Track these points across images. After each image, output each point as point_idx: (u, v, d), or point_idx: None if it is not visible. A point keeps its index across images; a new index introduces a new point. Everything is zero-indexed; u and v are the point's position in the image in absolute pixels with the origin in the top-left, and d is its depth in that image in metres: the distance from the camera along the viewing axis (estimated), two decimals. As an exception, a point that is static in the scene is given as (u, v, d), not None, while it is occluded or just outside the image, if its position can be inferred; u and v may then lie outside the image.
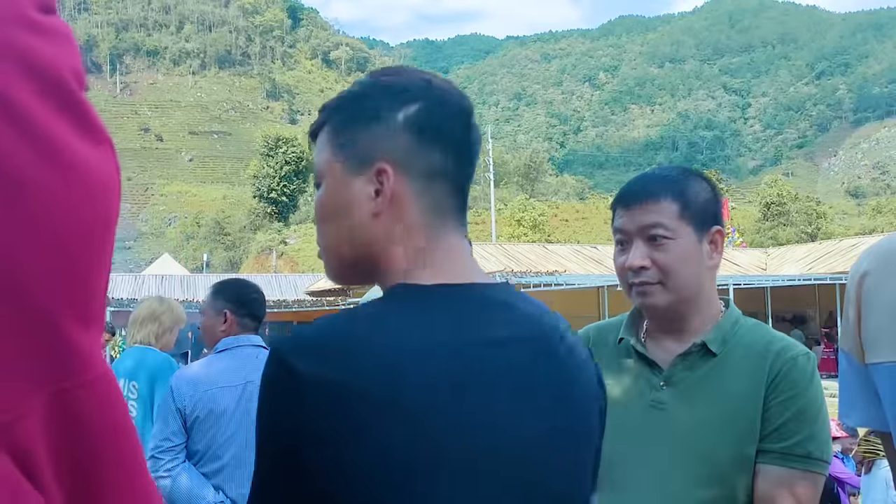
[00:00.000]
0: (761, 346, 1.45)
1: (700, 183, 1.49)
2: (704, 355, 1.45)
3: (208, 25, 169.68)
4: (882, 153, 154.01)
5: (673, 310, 1.46)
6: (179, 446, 2.67)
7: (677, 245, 1.43)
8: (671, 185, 1.46)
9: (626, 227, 1.47)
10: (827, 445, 1.40)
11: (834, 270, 20.95)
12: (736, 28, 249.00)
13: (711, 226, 1.47)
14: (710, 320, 1.49)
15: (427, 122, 0.89)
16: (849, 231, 52.03)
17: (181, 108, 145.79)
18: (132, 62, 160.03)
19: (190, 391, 2.68)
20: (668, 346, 1.50)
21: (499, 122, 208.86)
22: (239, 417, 2.69)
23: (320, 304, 23.56)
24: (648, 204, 1.44)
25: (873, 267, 1.21)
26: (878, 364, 1.18)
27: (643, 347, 1.52)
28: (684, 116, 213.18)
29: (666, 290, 1.44)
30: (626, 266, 1.46)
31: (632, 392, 1.50)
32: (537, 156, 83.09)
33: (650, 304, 1.46)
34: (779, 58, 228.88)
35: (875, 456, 5.14)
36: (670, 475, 1.42)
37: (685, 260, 1.43)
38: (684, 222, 1.43)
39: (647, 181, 1.50)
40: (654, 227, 1.43)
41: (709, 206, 1.47)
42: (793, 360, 1.41)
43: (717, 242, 1.48)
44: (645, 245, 1.44)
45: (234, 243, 70.96)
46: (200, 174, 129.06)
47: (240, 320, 2.84)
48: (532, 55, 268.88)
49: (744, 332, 1.48)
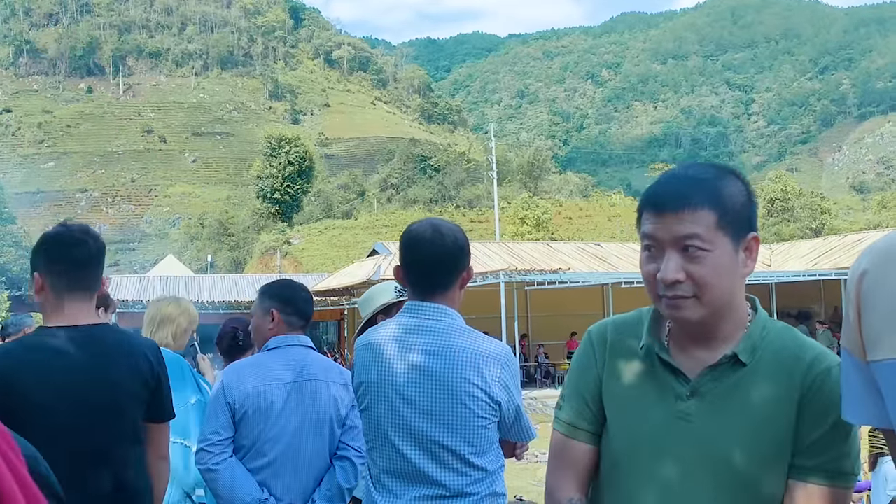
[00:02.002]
0: (792, 354, 1.38)
1: (736, 185, 1.38)
2: (734, 365, 1.38)
3: (210, 27, 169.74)
4: (886, 148, 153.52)
5: (705, 322, 1.37)
6: (227, 440, 2.69)
7: (714, 257, 1.32)
8: (708, 191, 1.34)
9: (659, 236, 1.35)
10: (858, 460, 1.35)
11: (839, 266, 20.92)
12: (738, 24, 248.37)
13: (748, 232, 1.37)
14: (740, 326, 1.41)
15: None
16: (853, 226, 51.87)
17: (184, 110, 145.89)
18: (135, 64, 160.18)
19: (240, 386, 2.70)
20: (696, 354, 1.41)
21: (501, 121, 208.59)
22: (287, 415, 2.71)
23: (325, 304, 23.57)
24: (684, 213, 1.32)
25: (873, 265, 1.21)
26: (879, 362, 1.18)
27: (668, 355, 1.43)
28: (687, 113, 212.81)
29: (700, 304, 1.34)
30: (660, 278, 1.35)
31: (654, 401, 1.42)
32: (540, 154, 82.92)
33: (683, 318, 1.36)
34: (782, 53, 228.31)
35: (879, 451, 5.13)
36: (690, 491, 1.36)
37: (722, 272, 1.33)
38: (721, 232, 1.33)
39: (681, 184, 1.37)
40: (690, 238, 1.32)
41: (745, 210, 1.37)
42: (826, 372, 1.34)
43: (753, 249, 1.39)
44: (679, 256, 1.33)
45: (238, 244, 70.99)
46: (204, 175, 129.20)
47: (287, 318, 2.87)
48: (534, 53, 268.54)
49: (773, 338, 1.41)
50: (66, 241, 2.29)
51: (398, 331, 2.14)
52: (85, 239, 2.30)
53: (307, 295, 3.00)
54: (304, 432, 2.72)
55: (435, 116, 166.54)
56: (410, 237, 2.18)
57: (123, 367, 2.28)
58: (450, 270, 2.16)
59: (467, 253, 2.20)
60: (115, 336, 2.35)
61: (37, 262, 2.29)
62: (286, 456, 2.70)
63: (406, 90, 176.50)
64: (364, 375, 2.17)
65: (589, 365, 1.53)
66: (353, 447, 2.77)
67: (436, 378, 2.04)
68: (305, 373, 2.77)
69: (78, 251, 2.27)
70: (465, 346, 2.07)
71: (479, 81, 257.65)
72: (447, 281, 2.16)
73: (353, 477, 2.76)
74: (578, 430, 1.52)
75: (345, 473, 2.75)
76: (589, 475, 1.53)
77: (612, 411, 1.48)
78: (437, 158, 79.66)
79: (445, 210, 65.32)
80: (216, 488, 2.67)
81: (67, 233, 2.31)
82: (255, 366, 2.79)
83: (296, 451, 2.71)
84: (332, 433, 2.77)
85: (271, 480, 2.69)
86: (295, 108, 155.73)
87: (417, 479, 2.05)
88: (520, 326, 20.62)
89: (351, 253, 51.08)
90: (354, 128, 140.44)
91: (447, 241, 2.14)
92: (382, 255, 23.67)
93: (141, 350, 2.35)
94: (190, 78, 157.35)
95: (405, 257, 2.19)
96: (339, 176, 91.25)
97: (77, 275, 2.27)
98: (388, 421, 2.09)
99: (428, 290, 2.15)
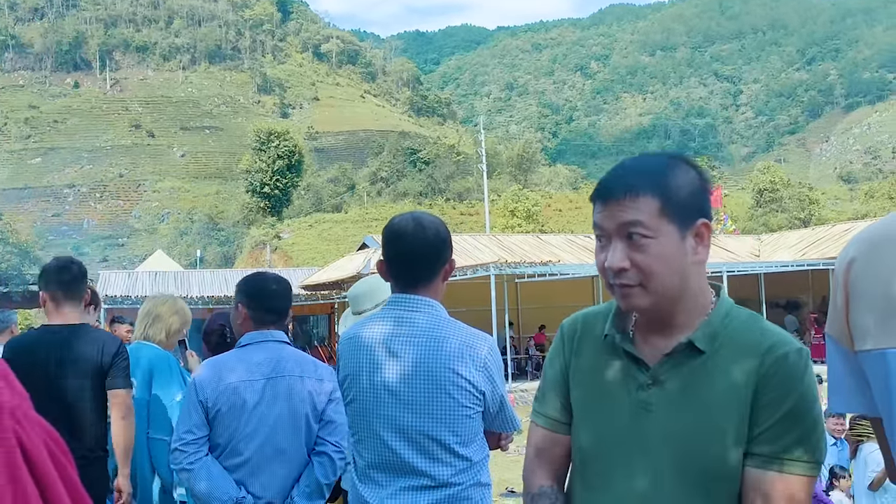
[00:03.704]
0: (752, 341, 1.35)
1: (686, 172, 1.37)
2: (692, 353, 1.37)
3: (197, 20, 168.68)
4: (874, 138, 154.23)
5: (656, 309, 1.37)
6: (202, 439, 2.67)
7: (658, 244, 1.32)
8: (652, 178, 1.34)
9: (605, 224, 1.36)
10: (820, 445, 1.31)
11: (827, 256, 21.04)
12: (726, 15, 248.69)
13: (696, 219, 1.35)
14: (699, 314, 1.40)
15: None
16: (841, 216, 52.16)
17: (172, 104, 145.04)
18: (122, 58, 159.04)
19: (212, 384, 2.68)
20: (656, 342, 1.41)
21: (491, 113, 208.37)
22: (262, 412, 2.69)
23: (315, 297, 23.54)
24: (626, 200, 1.33)
25: (861, 253, 1.20)
26: (867, 351, 1.17)
27: (630, 344, 1.43)
28: (676, 104, 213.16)
29: (647, 291, 1.34)
30: (606, 266, 1.36)
31: (617, 390, 1.42)
32: (530, 146, 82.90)
33: (632, 305, 1.37)
34: (769, 44, 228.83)
35: (860, 440, 5.19)
36: (654, 481, 1.35)
37: (666, 260, 1.33)
38: (666, 219, 1.32)
39: (626, 173, 1.37)
40: (632, 225, 1.32)
41: (694, 198, 1.36)
42: (783, 357, 1.32)
43: (704, 235, 1.37)
44: (624, 244, 1.34)
45: (227, 238, 70.82)
46: (193, 170, 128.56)
47: (253, 314, 2.82)
48: (523, 45, 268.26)
49: (735, 326, 1.38)
50: (55, 267, 3.47)
51: (382, 324, 2.15)
52: (70, 265, 3.49)
53: (279, 288, 2.90)
54: (279, 429, 2.69)
55: (424, 109, 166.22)
56: (392, 231, 2.19)
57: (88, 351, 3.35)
58: (432, 263, 2.18)
59: (449, 245, 2.22)
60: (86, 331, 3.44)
61: (40, 283, 3.48)
62: (262, 453, 2.68)
63: (395, 83, 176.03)
64: (349, 368, 2.18)
65: (558, 357, 1.55)
66: (330, 442, 2.74)
67: (420, 369, 2.05)
68: (279, 368, 2.74)
69: (66, 274, 3.45)
70: (449, 338, 2.08)
71: (468, 74, 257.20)
72: (430, 273, 2.17)
73: (332, 472, 2.73)
74: (551, 420, 1.54)
75: (323, 469, 2.72)
76: (564, 465, 1.54)
77: (577, 403, 1.49)
78: (426, 151, 79.58)
79: (435, 203, 65.28)
80: (192, 488, 2.64)
81: (57, 262, 3.51)
82: (228, 363, 2.76)
83: (272, 449, 2.69)
84: (309, 429, 2.74)
85: (248, 478, 2.67)
86: (284, 101, 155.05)
87: (403, 470, 2.06)
88: (510, 319, 20.67)
89: (341, 247, 51.03)
90: (344, 121, 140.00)
91: (429, 233, 2.16)
92: (372, 249, 23.64)
93: (101, 340, 3.42)
94: (178, 72, 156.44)
95: (387, 251, 2.20)
96: (328, 170, 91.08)
97: (65, 290, 3.44)
98: (374, 412, 2.10)
99: (411, 282, 2.16)
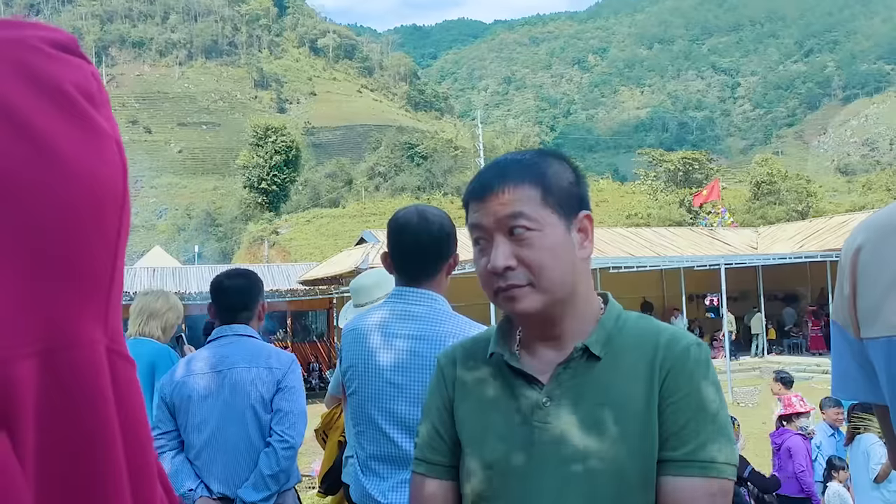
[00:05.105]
0: (648, 340, 1.26)
1: (560, 164, 1.31)
2: (588, 360, 1.26)
3: (194, 15, 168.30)
4: (871, 129, 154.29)
5: (547, 313, 1.26)
6: (168, 434, 2.79)
7: (544, 237, 1.23)
8: (528, 169, 1.26)
9: (483, 223, 1.25)
10: (732, 446, 1.22)
11: (825, 248, 21.04)
12: (724, 7, 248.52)
13: (579, 211, 1.28)
14: (590, 320, 1.30)
15: None
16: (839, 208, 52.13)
17: (169, 100, 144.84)
18: (118, 54, 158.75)
19: (169, 379, 2.83)
20: (546, 355, 1.29)
21: (488, 107, 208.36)
22: (208, 406, 2.74)
23: (313, 293, 23.55)
24: (505, 192, 1.24)
25: (868, 241, 1.18)
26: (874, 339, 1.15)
27: (517, 361, 1.30)
28: (674, 97, 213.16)
29: (537, 291, 1.23)
30: (489, 269, 1.24)
31: (509, 414, 1.28)
32: (528, 140, 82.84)
33: (521, 309, 1.24)
34: (767, 36, 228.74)
35: (858, 430, 5.21)
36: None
37: (555, 253, 1.23)
38: (549, 210, 1.24)
39: (500, 167, 1.29)
40: (513, 217, 1.22)
41: (573, 188, 1.28)
42: (684, 352, 1.23)
43: (587, 229, 1.29)
44: (507, 242, 1.23)
45: (225, 234, 70.79)
46: (190, 166, 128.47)
47: (216, 310, 2.90)
48: (520, 39, 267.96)
49: (629, 328, 1.29)
50: None
51: (385, 316, 2.16)
52: None
53: (231, 284, 2.92)
54: (227, 421, 2.72)
55: (422, 104, 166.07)
56: (397, 224, 2.19)
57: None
58: (436, 257, 2.18)
59: (454, 239, 2.22)
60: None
61: None
62: (212, 446, 2.73)
63: (392, 78, 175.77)
64: (351, 360, 2.19)
65: (438, 392, 1.41)
66: (276, 431, 2.74)
67: (422, 363, 2.05)
68: (227, 361, 2.78)
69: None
70: (451, 332, 2.08)
71: (466, 68, 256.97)
72: (434, 267, 2.18)
73: (276, 462, 2.72)
74: (436, 466, 1.38)
75: (266, 459, 2.72)
76: None
77: (466, 436, 1.34)
78: (424, 146, 79.42)
79: (433, 197, 65.21)
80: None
81: None
82: (193, 358, 2.86)
83: (222, 441, 2.72)
84: (258, 420, 2.75)
85: (204, 472, 2.74)
86: (281, 96, 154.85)
87: (404, 463, 2.06)
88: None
89: (339, 242, 51.01)
90: (341, 116, 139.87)
91: (433, 227, 2.16)
92: (371, 244, 23.64)
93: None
94: (174, 67, 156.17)
95: (392, 244, 2.20)
96: (326, 164, 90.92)
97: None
98: (375, 405, 2.10)
99: (414, 276, 2.17)
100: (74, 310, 0.51)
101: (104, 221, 0.53)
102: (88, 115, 0.54)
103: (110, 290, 0.54)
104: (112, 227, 0.54)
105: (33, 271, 0.49)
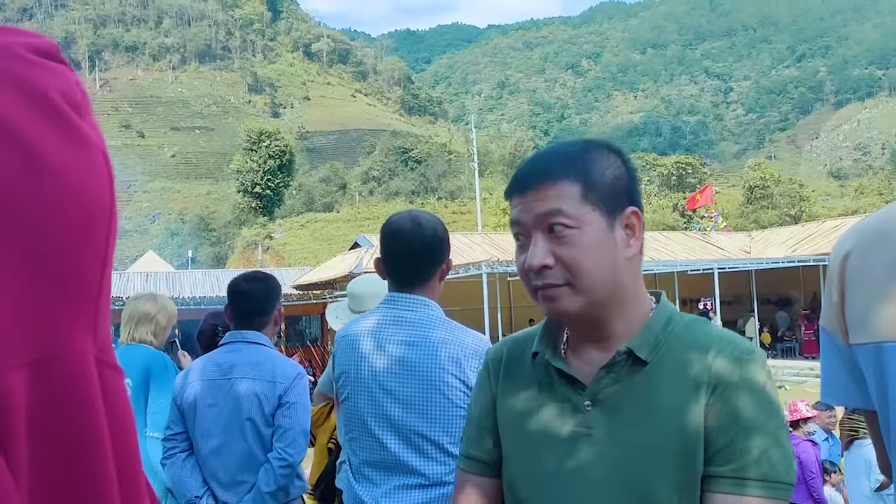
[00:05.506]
0: (700, 346, 1.20)
1: (607, 157, 1.25)
2: (633, 364, 1.21)
3: (187, 20, 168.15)
4: (863, 134, 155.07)
5: (588, 314, 1.21)
6: (180, 435, 2.80)
7: (583, 235, 1.18)
8: (570, 163, 1.21)
9: (523, 219, 1.22)
10: (788, 463, 1.15)
11: (818, 252, 21.12)
12: (717, 12, 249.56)
13: (625, 206, 1.22)
14: (639, 321, 1.24)
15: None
16: (832, 213, 52.36)
17: (162, 104, 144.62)
18: (111, 58, 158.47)
19: (181, 383, 2.84)
20: (592, 356, 1.25)
21: (482, 112, 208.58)
22: (214, 414, 2.73)
23: (307, 297, 23.52)
24: (544, 187, 1.20)
25: (856, 247, 1.17)
26: (862, 345, 1.14)
27: (562, 362, 1.26)
28: (667, 102, 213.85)
29: (575, 291, 1.19)
30: (527, 266, 1.21)
31: (552, 418, 1.25)
32: (522, 144, 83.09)
33: (559, 309, 1.21)
34: (759, 41, 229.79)
35: (855, 435, 5.16)
36: None
37: (594, 253, 1.18)
38: (589, 206, 1.19)
39: (541, 160, 1.25)
40: (552, 215, 1.19)
41: (619, 182, 1.23)
42: (738, 362, 1.17)
43: (635, 226, 1.23)
44: (545, 239, 1.20)
45: (219, 239, 70.68)
46: (183, 170, 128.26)
47: (232, 315, 2.88)
48: (514, 43, 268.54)
49: (679, 332, 1.23)
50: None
51: (378, 322, 2.15)
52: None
53: (248, 288, 2.87)
54: (230, 432, 2.71)
55: (416, 108, 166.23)
56: (390, 229, 2.18)
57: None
58: (429, 262, 2.17)
59: (447, 245, 2.21)
60: None
61: None
62: (218, 455, 2.72)
63: (386, 82, 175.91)
64: (344, 366, 2.17)
65: (483, 389, 1.40)
66: (276, 448, 2.70)
67: (415, 369, 2.05)
68: (232, 370, 2.75)
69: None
70: (444, 338, 2.08)
71: (460, 72, 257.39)
72: (427, 273, 2.17)
73: (273, 480, 2.68)
74: (480, 463, 1.37)
75: (265, 476, 2.69)
76: None
77: (507, 436, 1.33)
78: (418, 150, 79.49)
79: (427, 202, 65.28)
80: (169, 481, 2.80)
81: None
82: (200, 363, 2.84)
83: (226, 452, 2.71)
84: (258, 433, 2.72)
85: (210, 479, 2.73)
86: (275, 101, 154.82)
87: (397, 469, 2.06)
88: (503, 317, 20.69)
89: (333, 246, 50.98)
90: (335, 120, 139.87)
91: (426, 232, 2.15)
92: (365, 248, 23.60)
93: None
94: (167, 72, 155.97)
95: (385, 249, 2.19)
96: (320, 169, 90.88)
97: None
98: (368, 411, 2.09)
99: (407, 281, 2.16)
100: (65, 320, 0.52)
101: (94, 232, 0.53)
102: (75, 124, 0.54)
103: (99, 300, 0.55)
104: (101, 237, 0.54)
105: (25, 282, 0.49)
